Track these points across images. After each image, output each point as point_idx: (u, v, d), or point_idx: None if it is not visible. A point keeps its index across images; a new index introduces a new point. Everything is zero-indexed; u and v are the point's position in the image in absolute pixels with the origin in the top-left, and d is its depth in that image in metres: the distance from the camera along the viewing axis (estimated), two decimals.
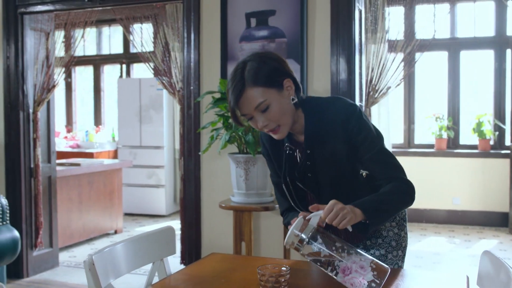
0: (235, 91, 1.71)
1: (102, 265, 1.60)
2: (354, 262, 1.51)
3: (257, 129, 1.78)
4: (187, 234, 4.04)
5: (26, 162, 4.59)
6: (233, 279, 1.80)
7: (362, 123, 1.79)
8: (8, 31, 4.53)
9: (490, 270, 1.44)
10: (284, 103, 1.75)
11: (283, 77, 1.76)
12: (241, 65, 1.75)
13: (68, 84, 8.79)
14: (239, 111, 1.75)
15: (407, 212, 2.04)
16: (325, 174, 1.82)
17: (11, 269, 4.46)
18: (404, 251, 1.97)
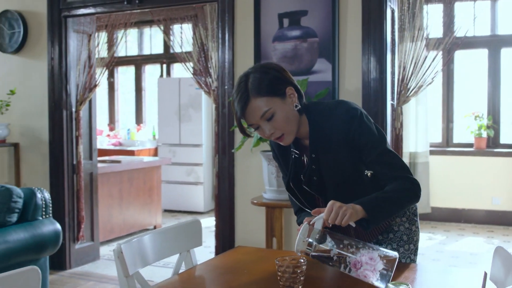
0: (240, 102, 1.77)
1: (130, 254, 1.71)
2: (363, 255, 1.57)
3: (264, 137, 1.84)
4: (221, 229, 4.14)
5: (69, 159, 4.80)
6: (255, 270, 1.88)
7: (364, 126, 1.83)
8: (53, 34, 4.74)
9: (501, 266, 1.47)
10: (288, 110, 1.81)
11: (285, 85, 1.82)
12: (244, 78, 1.81)
13: (110, 84, 9.05)
14: (245, 121, 1.81)
15: (418, 207, 2.08)
16: (330, 177, 1.87)
17: (54, 261, 4.67)
18: (416, 245, 2.02)
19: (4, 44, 4.96)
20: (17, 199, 3.33)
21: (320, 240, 1.63)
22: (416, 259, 2.04)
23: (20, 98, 4.91)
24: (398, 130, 3.76)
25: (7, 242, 3.20)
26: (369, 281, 1.58)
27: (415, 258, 2.03)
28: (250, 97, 1.77)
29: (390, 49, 3.75)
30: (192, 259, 2.00)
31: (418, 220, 2.07)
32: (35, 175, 4.91)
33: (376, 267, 1.55)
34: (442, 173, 6.78)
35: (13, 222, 3.35)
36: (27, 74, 4.93)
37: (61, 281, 4.46)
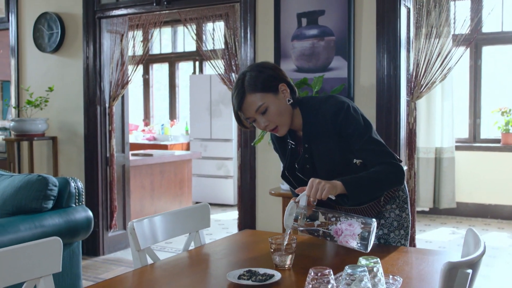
0: (237, 98, 1.98)
1: (141, 231, 1.94)
2: (343, 222, 1.77)
3: (260, 129, 2.05)
4: (243, 220, 4.36)
5: (102, 152, 5.10)
6: (256, 248, 2.09)
7: (350, 117, 2.00)
8: (88, 34, 5.04)
9: (471, 241, 1.65)
10: (281, 105, 1.99)
11: (278, 82, 2.01)
12: (241, 76, 2.02)
13: (145, 81, 9.39)
14: (243, 115, 2.01)
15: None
16: (322, 165, 2.05)
17: (89, 247, 4.99)
18: (407, 231, 2.19)
19: (44, 44, 5.29)
20: (53, 187, 3.60)
21: (307, 216, 1.82)
22: (407, 244, 2.21)
23: (58, 94, 5.24)
24: (411, 125, 3.89)
25: (44, 226, 3.48)
26: (350, 246, 1.77)
27: (406, 243, 2.20)
28: (245, 93, 1.97)
29: (404, 47, 3.88)
30: (200, 239, 2.22)
31: (409, 207, 2.23)
32: (71, 166, 5.24)
33: (355, 231, 1.74)
34: (468, 168, 6.82)
35: (49, 208, 3.62)
36: (64, 72, 5.26)
37: (94, 266, 4.76)
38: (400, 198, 2.18)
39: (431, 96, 6.63)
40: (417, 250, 2.06)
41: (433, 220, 6.74)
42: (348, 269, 1.44)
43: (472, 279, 1.41)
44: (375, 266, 1.52)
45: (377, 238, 2.19)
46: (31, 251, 1.61)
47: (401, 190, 2.20)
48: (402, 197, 2.19)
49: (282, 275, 1.71)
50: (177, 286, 1.69)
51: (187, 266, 1.94)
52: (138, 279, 1.78)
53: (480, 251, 1.47)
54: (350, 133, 2.00)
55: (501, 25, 6.79)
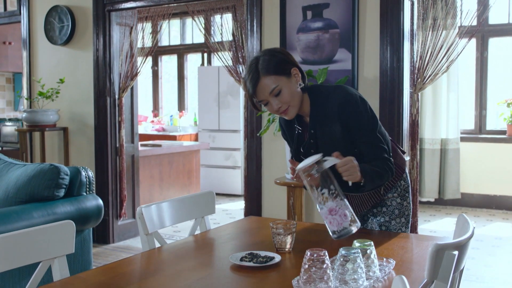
0: (252, 81, 2.04)
1: (149, 216, 2.04)
2: (341, 207, 1.85)
3: (272, 112, 2.12)
4: (249, 208, 4.46)
5: (112, 142, 5.21)
6: (259, 234, 2.19)
7: (356, 110, 2.08)
8: (97, 27, 5.14)
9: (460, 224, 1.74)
10: (293, 88, 2.07)
11: (290, 66, 2.08)
12: (255, 60, 2.08)
13: (154, 72, 9.49)
14: (256, 98, 2.08)
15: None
16: (325, 151, 2.09)
17: (99, 235, 5.11)
18: (407, 219, 2.28)
19: (55, 37, 5.41)
20: (64, 176, 3.71)
21: (321, 172, 1.87)
22: (408, 231, 2.30)
23: (69, 86, 5.36)
24: (414, 116, 3.96)
25: (56, 214, 3.59)
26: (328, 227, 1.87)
27: (406, 231, 2.29)
28: (260, 76, 2.03)
29: (408, 39, 3.95)
30: (206, 225, 2.32)
31: (410, 196, 2.32)
32: (82, 156, 5.36)
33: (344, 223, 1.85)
34: (474, 159, 6.88)
35: (61, 196, 3.73)
36: (74, 64, 5.37)
37: (104, 253, 4.89)
38: (401, 187, 2.27)
39: (437, 87, 6.68)
40: (412, 236, 2.15)
41: (438, 210, 6.81)
42: (343, 251, 1.54)
43: (459, 260, 1.50)
44: (368, 249, 1.61)
45: (379, 225, 2.28)
46: (46, 234, 1.72)
47: (403, 180, 2.29)
48: (403, 186, 2.28)
49: (282, 258, 1.81)
50: (183, 267, 1.79)
51: (192, 249, 2.04)
52: (146, 261, 1.89)
53: (467, 234, 1.56)
54: (353, 125, 2.09)
55: (508, 16, 6.82)
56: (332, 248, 1.86)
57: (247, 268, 1.72)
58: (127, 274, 1.75)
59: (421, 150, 6.79)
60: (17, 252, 1.66)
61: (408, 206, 2.30)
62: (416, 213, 4.02)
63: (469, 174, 6.87)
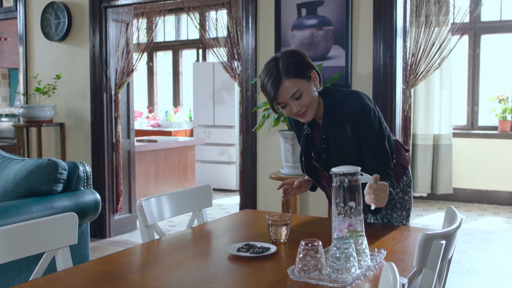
0: (274, 83, 2.02)
1: (149, 209, 2.11)
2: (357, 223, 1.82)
3: (290, 115, 2.11)
4: (244, 203, 4.53)
5: (108, 138, 5.26)
6: (255, 226, 2.26)
7: (368, 122, 2.09)
8: (94, 23, 5.19)
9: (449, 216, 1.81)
10: (312, 92, 2.08)
11: (310, 69, 2.08)
12: (274, 62, 2.06)
13: (149, 68, 9.53)
14: (275, 101, 2.06)
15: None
16: (337, 156, 2.16)
17: (96, 230, 5.17)
18: (408, 213, 2.36)
19: (51, 33, 5.44)
20: (62, 171, 3.77)
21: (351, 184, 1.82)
22: (408, 224, 2.38)
23: (65, 82, 5.40)
24: (407, 112, 4.04)
25: (54, 208, 3.64)
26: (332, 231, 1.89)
27: (406, 223, 2.37)
28: (282, 78, 2.02)
29: (400, 36, 4.02)
30: (203, 217, 2.39)
31: (411, 191, 2.39)
32: (78, 152, 5.41)
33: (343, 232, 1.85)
34: (466, 155, 6.97)
35: (59, 191, 3.78)
36: (71, 60, 5.41)
37: (101, 248, 4.95)
38: (404, 182, 2.34)
39: (429, 84, 6.76)
40: (403, 228, 2.22)
41: (431, 205, 6.91)
42: (335, 241, 1.61)
43: (447, 250, 1.57)
44: (360, 239, 1.68)
45: (381, 218, 2.33)
46: (50, 225, 1.78)
47: (406, 175, 2.35)
48: (406, 181, 2.35)
49: (277, 248, 1.87)
50: (182, 257, 1.86)
51: (190, 241, 2.11)
52: (145, 252, 1.95)
53: (454, 225, 1.63)
54: (362, 135, 2.11)
55: (500, 14, 6.90)
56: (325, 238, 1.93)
57: (244, 258, 1.79)
58: (128, 264, 1.82)
59: (414, 145, 6.88)
60: (22, 243, 1.72)
61: (409, 200, 2.37)
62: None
63: (461, 169, 6.96)
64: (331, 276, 1.56)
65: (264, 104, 3.98)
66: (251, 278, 1.65)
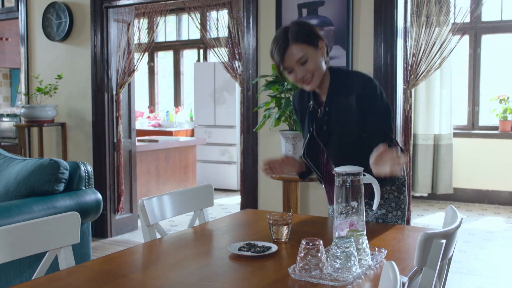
0: (281, 47, 2.10)
1: (150, 208, 2.12)
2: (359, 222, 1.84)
3: (295, 81, 2.18)
4: (245, 203, 4.54)
5: (110, 138, 5.28)
6: (256, 225, 2.27)
7: (374, 94, 2.17)
8: (95, 23, 5.20)
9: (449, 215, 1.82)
10: (319, 60, 2.15)
11: (318, 38, 2.17)
12: (284, 29, 2.17)
13: (151, 68, 9.54)
14: (282, 65, 2.13)
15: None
16: (337, 129, 2.20)
17: (97, 230, 5.18)
18: (404, 212, 2.35)
19: (52, 33, 5.46)
20: (64, 170, 3.78)
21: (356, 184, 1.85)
22: (404, 224, 2.38)
23: (67, 82, 5.41)
24: (407, 112, 4.05)
25: (56, 208, 3.65)
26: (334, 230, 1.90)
27: (402, 223, 2.37)
28: (289, 43, 2.10)
29: (401, 36, 4.02)
30: (204, 217, 2.40)
31: (406, 190, 2.39)
32: (79, 151, 5.42)
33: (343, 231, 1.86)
34: (467, 155, 6.98)
35: (60, 191, 3.79)
36: (72, 61, 5.42)
37: (102, 247, 4.96)
38: (399, 181, 2.34)
39: (430, 84, 6.77)
40: (404, 227, 2.23)
41: (431, 205, 6.91)
42: (336, 240, 1.62)
43: (447, 249, 1.58)
44: (360, 238, 1.69)
45: (375, 218, 2.34)
46: (53, 224, 1.79)
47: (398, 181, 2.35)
48: (401, 180, 2.34)
49: (278, 247, 1.88)
50: (184, 256, 1.87)
51: (192, 240, 2.12)
52: (148, 251, 1.96)
53: (455, 224, 1.64)
54: (368, 106, 2.16)
55: (501, 14, 6.91)
56: (326, 238, 1.94)
57: (245, 257, 1.80)
58: (130, 263, 1.83)
59: (415, 145, 6.89)
60: (25, 242, 1.73)
61: (405, 199, 2.36)
62: (410, 207, 4.10)
63: (462, 169, 6.97)
64: (332, 275, 1.57)
65: (265, 104, 3.98)
66: (252, 277, 1.66)
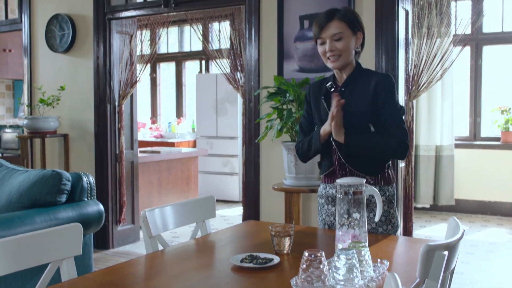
0: (326, 18, 2.28)
1: (153, 220, 2.12)
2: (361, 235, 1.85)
3: (323, 53, 2.31)
4: (247, 214, 4.53)
5: (112, 149, 5.29)
6: (258, 237, 2.27)
7: (392, 90, 2.31)
8: (98, 35, 5.23)
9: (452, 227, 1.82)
10: (351, 44, 2.31)
11: (359, 28, 2.34)
12: (334, 8, 2.34)
13: (153, 79, 9.58)
14: (319, 34, 2.29)
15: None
16: (348, 112, 2.26)
17: (99, 241, 5.18)
18: (394, 227, 2.33)
19: (55, 45, 5.49)
20: (66, 182, 3.78)
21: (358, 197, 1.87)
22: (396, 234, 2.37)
23: (69, 93, 5.43)
24: (409, 123, 4.05)
25: (58, 219, 3.65)
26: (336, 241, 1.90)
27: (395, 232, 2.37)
28: (334, 18, 2.28)
29: (402, 47, 4.04)
30: (206, 228, 2.40)
31: (395, 205, 2.38)
32: (82, 162, 5.43)
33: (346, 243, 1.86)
34: (469, 166, 6.97)
35: (63, 202, 3.80)
36: (75, 72, 5.45)
37: (104, 259, 4.95)
38: (388, 192, 2.33)
39: (431, 95, 6.78)
40: (405, 239, 2.23)
41: (433, 216, 6.90)
42: (338, 251, 1.61)
43: (449, 261, 1.57)
44: (363, 250, 1.69)
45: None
46: (55, 236, 1.79)
47: (390, 186, 2.36)
48: (390, 192, 2.34)
49: (280, 259, 1.88)
50: (186, 268, 1.87)
51: (194, 252, 2.12)
52: (150, 262, 1.96)
53: (457, 236, 1.64)
54: (383, 100, 2.28)
55: (502, 25, 6.94)
56: (329, 249, 1.94)
57: (247, 269, 1.80)
58: (133, 275, 1.83)
59: (416, 156, 6.88)
60: (27, 253, 1.73)
61: (395, 214, 2.35)
62: (411, 218, 4.10)
63: (464, 180, 6.96)
64: (334, 287, 1.57)
65: (267, 115, 3.99)
66: None
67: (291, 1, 4.26)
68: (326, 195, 2.40)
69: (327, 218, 2.39)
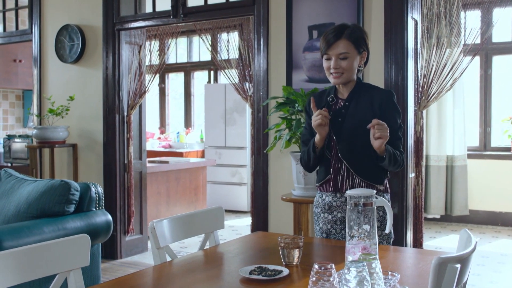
0: (335, 37, 2.34)
1: (161, 231, 2.10)
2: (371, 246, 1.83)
3: (327, 69, 2.39)
4: (256, 224, 4.51)
5: (120, 159, 5.29)
6: (267, 248, 2.25)
7: (396, 107, 2.42)
8: (107, 45, 5.25)
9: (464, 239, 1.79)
10: (355, 63, 2.39)
11: (365, 48, 2.41)
12: (344, 25, 2.40)
13: (161, 89, 9.60)
14: (326, 51, 2.37)
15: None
16: (350, 124, 2.35)
17: (107, 251, 5.16)
18: (389, 235, 2.37)
19: (65, 55, 5.51)
20: (74, 192, 3.78)
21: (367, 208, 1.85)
22: (389, 245, 2.37)
23: (78, 103, 5.45)
24: (419, 133, 4.02)
25: (66, 229, 3.65)
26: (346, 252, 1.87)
27: (387, 245, 2.36)
28: (342, 36, 2.35)
29: (412, 57, 4.02)
30: (215, 239, 2.38)
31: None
32: (90, 172, 5.43)
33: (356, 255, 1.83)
34: (479, 176, 6.91)
35: (71, 212, 3.79)
36: (84, 82, 5.47)
37: (112, 269, 4.94)
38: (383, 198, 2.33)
39: (442, 104, 6.74)
40: (416, 251, 2.20)
41: (444, 227, 6.83)
42: (349, 264, 1.59)
43: (462, 274, 1.54)
44: (373, 262, 1.66)
45: None
46: (63, 247, 1.78)
47: (386, 194, 2.44)
48: (386, 199, 2.35)
49: (290, 271, 1.86)
50: (193, 280, 1.85)
51: (202, 263, 2.10)
52: (157, 274, 1.94)
53: (469, 248, 1.61)
54: (386, 115, 2.35)
55: (511, 35, 6.89)
56: (339, 262, 1.91)
57: (256, 281, 1.78)
58: (140, 286, 1.81)
59: (427, 167, 6.83)
60: (35, 264, 1.72)
61: None
62: (422, 229, 4.06)
63: (474, 190, 6.90)
64: None
65: (275, 125, 3.98)
66: None
67: (300, 11, 4.25)
68: (323, 204, 2.48)
69: (324, 226, 2.46)
